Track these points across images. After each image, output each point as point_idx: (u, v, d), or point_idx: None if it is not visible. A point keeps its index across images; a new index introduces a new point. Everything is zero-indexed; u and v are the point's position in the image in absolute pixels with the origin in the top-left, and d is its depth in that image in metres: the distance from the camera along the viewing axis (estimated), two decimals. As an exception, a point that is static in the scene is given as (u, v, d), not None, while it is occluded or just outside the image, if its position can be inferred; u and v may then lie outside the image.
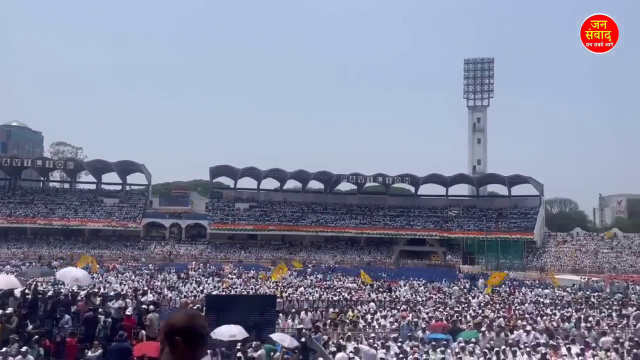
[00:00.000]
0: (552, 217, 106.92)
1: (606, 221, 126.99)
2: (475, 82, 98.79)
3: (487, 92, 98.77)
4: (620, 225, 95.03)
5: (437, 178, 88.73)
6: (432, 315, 21.69)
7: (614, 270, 61.36)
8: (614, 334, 18.03)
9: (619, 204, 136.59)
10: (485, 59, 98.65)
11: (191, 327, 2.52)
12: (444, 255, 79.87)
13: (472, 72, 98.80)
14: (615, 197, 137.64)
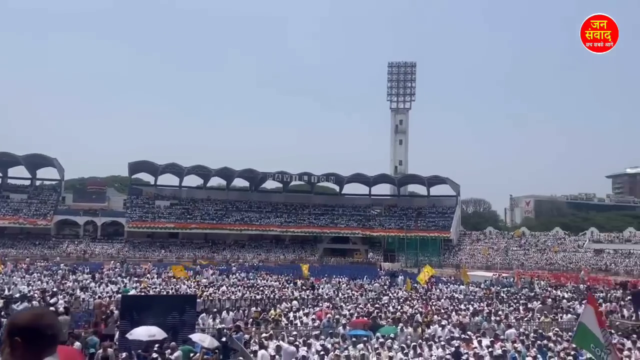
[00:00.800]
0: (467, 216, 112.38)
1: (516, 220, 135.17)
2: (399, 85, 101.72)
3: (409, 95, 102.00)
4: (528, 225, 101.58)
5: (361, 178, 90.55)
6: (353, 311, 22.02)
7: (522, 266, 65.36)
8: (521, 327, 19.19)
9: (527, 204, 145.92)
10: (408, 62, 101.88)
11: (34, 326, 2.35)
12: (366, 253, 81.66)
13: (396, 76, 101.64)
14: (524, 198, 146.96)
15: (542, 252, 73.34)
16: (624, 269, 59.20)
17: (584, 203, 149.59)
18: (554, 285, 38.75)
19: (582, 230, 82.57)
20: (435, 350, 14.33)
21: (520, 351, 13.98)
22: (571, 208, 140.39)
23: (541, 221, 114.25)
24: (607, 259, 65.54)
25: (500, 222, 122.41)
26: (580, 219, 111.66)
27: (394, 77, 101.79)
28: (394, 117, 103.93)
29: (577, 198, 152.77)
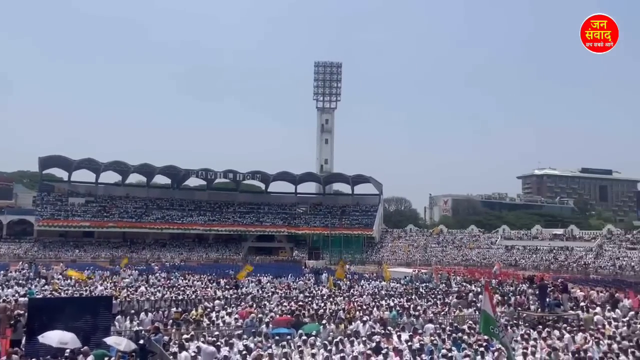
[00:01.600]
0: (389, 214, 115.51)
1: (435, 219, 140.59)
2: (325, 85, 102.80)
3: (335, 95, 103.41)
4: (446, 223, 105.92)
5: (287, 176, 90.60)
6: (276, 310, 21.93)
7: (440, 263, 68.15)
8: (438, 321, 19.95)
9: (445, 203, 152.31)
10: (334, 62, 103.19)
11: None
12: (292, 251, 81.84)
13: (322, 75, 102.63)
14: (443, 197, 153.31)
15: (459, 248, 76.86)
16: (532, 264, 63.27)
17: (497, 202, 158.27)
18: (468, 280, 40.61)
19: (494, 227, 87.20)
20: (356, 346, 14.53)
21: (436, 344, 14.50)
22: (485, 207, 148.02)
23: (458, 219, 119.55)
24: (516, 254, 69.77)
25: (420, 220, 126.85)
26: (493, 217, 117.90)
27: (320, 77, 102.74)
28: (320, 117, 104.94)
29: (490, 197, 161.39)
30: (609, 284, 39.48)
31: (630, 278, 47.24)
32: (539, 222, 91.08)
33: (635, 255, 58.67)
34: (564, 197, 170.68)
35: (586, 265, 58.68)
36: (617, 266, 55.67)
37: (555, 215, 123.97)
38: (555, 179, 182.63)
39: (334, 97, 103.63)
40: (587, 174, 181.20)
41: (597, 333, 16.29)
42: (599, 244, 66.27)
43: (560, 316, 20.82)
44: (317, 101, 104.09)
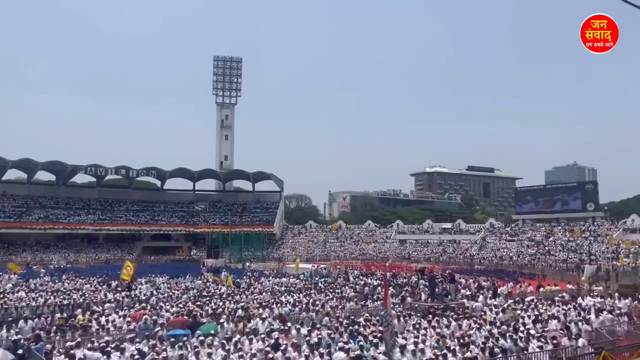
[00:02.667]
0: (290, 211, 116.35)
1: (334, 214, 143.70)
2: (224, 80, 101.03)
3: (235, 90, 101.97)
4: (344, 218, 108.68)
5: (185, 172, 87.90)
6: (172, 311, 21.21)
7: (338, 257, 69.81)
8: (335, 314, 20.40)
9: (344, 199, 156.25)
10: (234, 57, 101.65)
11: None
12: (189, 250, 79.67)
13: (222, 70, 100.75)
14: (341, 194, 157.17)
15: (356, 243, 79.22)
16: (423, 257, 66.82)
17: (392, 198, 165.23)
18: (365, 274, 41.99)
19: (390, 222, 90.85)
20: (255, 344, 14.43)
21: (334, 337, 14.79)
22: (381, 203, 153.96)
23: (356, 215, 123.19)
24: (409, 248, 73.32)
25: (320, 217, 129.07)
26: (388, 212, 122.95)
27: (219, 72, 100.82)
28: (220, 112, 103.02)
29: (386, 194, 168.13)
30: (490, 273, 42.85)
31: (509, 267, 51.56)
32: (429, 217, 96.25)
33: (514, 246, 64.06)
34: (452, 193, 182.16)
35: (471, 257, 63.07)
36: (498, 257, 60.43)
37: (444, 211, 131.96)
38: (444, 176, 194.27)
39: (234, 93, 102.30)
40: (472, 172, 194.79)
41: (480, 319, 17.55)
42: (483, 237, 71.51)
43: (448, 305, 22.15)
44: (217, 96, 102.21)
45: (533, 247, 61.37)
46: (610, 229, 60.77)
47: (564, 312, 18.65)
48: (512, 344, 13.48)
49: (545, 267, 49.44)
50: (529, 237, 66.46)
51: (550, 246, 59.91)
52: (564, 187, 78.88)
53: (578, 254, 53.19)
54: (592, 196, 70.96)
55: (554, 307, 20.34)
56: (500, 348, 12.95)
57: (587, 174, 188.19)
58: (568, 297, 23.86)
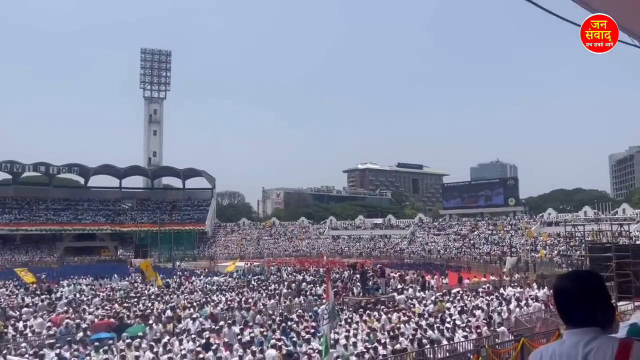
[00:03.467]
0: (223, 208, 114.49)
1: (267, 211, 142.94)
2: (152, 74, 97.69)
3: (164, 84, 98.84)
4: (278, 215, 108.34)
5: (110, 169, 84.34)
6: (97, 313, 20.31)
7: (272, 255, 69.56)
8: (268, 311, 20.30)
9: (277, 196, 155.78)
10: (162, 50, 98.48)
11: None
12: (116, 249, 76.64)
13: (150, 63, 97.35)
14: (275, 191, 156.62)
15: (290, 240, 79.26)
16: (355, 252, 67.92)
17: (325, 195, 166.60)
18: (299, 270, 42.12)
19: (323, 219, 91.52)
20: (185, 344, 14.09)
21: (266, 335, 14.71)
22: (315, 200, 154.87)
23: (289, 212, 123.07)
24: (342, 243, 74.30)
25: (254, 214, 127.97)
26: (322, 209, 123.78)
27: (147, 65, 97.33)
28: (147, 107, 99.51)
29: (320, 190, 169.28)
30: (419, 267, 44.25)
31: (437, 261, 53.46)
32: (362, 213, 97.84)
33: (441, 240, 66.52)
34: (383, 189, 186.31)
35: (401, 251, 64.87)
36: (427, 250, 62.53)
37: (375, 206, 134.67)
38: (375, 172, 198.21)
39: (163, 87, 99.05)
40: (402, 168, 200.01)
41: (409, 312, 18.06)
42: (412, 232, 73.72)
43: (379, 299, 22.64)
44: (145, 90, 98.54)
45: (459, 241, 64.01)
46: (529, 223, 64.43)
47: (487, 303, 19.56)
48: (439, 335, 13.97)
49: (470, 259, 51.67)
50: (455, 231, 69.23)
51: (474, 239, 62.71)
52: (487, 183, 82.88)
53: (500, 246, 56.00)
54: (513, 192, 74.99)
55: (478, 298, 21.29)
56: (428, 339, 13.38)
57: (508, 170, 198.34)
58: (491, 288, 25.06)
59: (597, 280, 2.09)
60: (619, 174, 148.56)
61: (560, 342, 2.06)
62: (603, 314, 2.04)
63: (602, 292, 2.07)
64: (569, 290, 2.07)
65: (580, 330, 2.02)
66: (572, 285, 2.08)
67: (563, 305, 2.10)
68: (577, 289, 2.06)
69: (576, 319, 2.05)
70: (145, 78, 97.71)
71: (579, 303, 2.04)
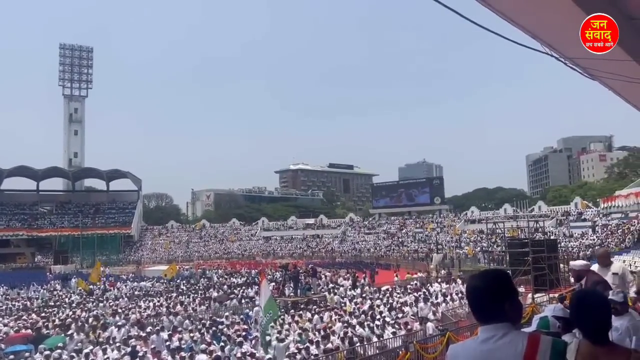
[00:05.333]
0: (150, 211, 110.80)
1: (197, 213, 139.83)
2: (73, 70, 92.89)
3: (85, 82, 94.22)
4: (208, 217, 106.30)
5: (27, 171, 79.28)
6: (12, 325, 19.05)
7: (202, 257, 68.11)
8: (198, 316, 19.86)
9: (207, 197, 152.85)
10: (83, 46, 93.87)
11: None
12: (33, 256, 72.18)
13: (70, 59, 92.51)
14: (205, 192, 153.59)
15: (221, 242, 77.97)
16: (288, 252, 67.91)
17: (257, 196, 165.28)
18: (230, 273, 41.58)
19: (255, 220, 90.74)
20: (110, 353, 13.51)
21: (196, 340, 14.38)
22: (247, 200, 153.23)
23: (220, 213, 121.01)
24: (274, 244, 74.03)
25: (183, 216, 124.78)
26: (253, 210, 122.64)
27: (67, 61, 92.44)
28: (67, 105, 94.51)
29: (251, 191, 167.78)
30: (350, 265, 44.95)
31: (367, 259, 54.51)
32: (294, 213, 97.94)
33: (371, 239, 67.92)
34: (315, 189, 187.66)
35: (333, 251, 65.59)
36: (357, 249, 63.60)
37: (307, 206, 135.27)
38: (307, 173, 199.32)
39: (85, 85, 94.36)
40: (333, 169, 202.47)
41: (340, 310, 18.28)
42: (343, 231, 74.74)
43: (311, 299, 22.76)
44: (64, 87, 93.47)
45: (388, 239, 65.64)
46: (454, 220, 67.16)
47: (415, 299, 20.16)
48: (369, 332, 14.23)
49: (399, 257, 53.10)
50: (385, 229, 70.94)
51: (403, 238, 64.55)
52: (415, 182, 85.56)
53: (427, 244, 57.98)
54: (438, 191, 77.89)
55: (407, 294, 21.91)
56: (359, 337, 13.59)
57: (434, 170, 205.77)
58: (419, 285, 25.86)
59: (504, 278, 2.20)
60: (535, 173, 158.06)
61: (475, 338, 2.17)
62: (512, 310, 2.13)
63: (510, 289, 2.17)
64: (479, 289, 2.16)
65: (492, 326, 2.11)
66: (482, 284, 2.16)
67: (474, 303, 2.19)
68: (486, 287, 2.14)
69: (487, 315, 2.14)
70: (65, 75, 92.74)
71: (488, 301, 2.12)
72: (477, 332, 2.20)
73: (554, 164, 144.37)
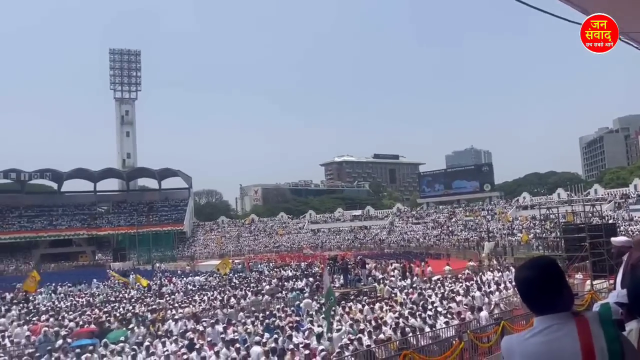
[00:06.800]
0: (200, 207, 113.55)
1: (246, 208, 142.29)
2: (122, 74, 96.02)
3: (134, 84, 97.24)
4: (257, 211, 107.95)
5: (84, 173, 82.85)
6: (78, 320, 20.00)
7: (253, 251, 69.32)
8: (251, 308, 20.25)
9: (255, 192, 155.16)
10: (131, 50, 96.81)
11: None
12: (94, 254, 75.50)
13: (119, 64, 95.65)
14: (253, 187, 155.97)
15: (270, 236, 79.07)
16: (336, 244, 68.16)
17: (303, 189, 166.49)
18: (280, 266, 42.13)
19: (302, 213, 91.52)
20: (169, 346, 13.99)
21: (250, 332, 14.68)
22: (293, 194, 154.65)
23: (268, 207, 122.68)
24: (322, 237, 74.45)
25: (232, 211, 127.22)
26: (300, 203, 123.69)
27: (117, 65, 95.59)
28: (119, 108, 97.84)
29: (297, 185, 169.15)
30: (399, 256, 44.64)
31: (416, 249, 54.01)
32: (340, 205, 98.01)
33: (420, 229, 67.19)
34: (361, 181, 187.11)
35: (381, 241, 65.33)
36: (406, 240, 63.11)
37: (354, 198, 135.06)
38: (352, 164, 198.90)
39: (134, 87, 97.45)
40: (378, 159, 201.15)
41: (391, 301, 18.22)
42: (391, 221, 74.26)
43: (361, 290, 22.78)
44: (115, 91, 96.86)
45: (437, 229, 64.74)
46: (505, 207, 65.49)
47: (467, 288, 19.85)
48: (421, 322, 14.13)
49: (449, 246, 52.34)
50: (433, 219, 69.99)
51: (452, 226, 63.50)
52: (463, 170, 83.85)
53: (478, 232, 56.82)
54: (488, 177, 76.09)
55: (458, 284, 21.59)
56: (411, 327, 13.52)
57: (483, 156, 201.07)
58: (470, 274, 25.43)
59: (553, 267, 2.12)
60: (590, 155, 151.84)
61: (530, 329, 2.11)
62: (563, 298, 2.08)
63: (559, 277, 2.10)
64: (529, 280, 2.10)
65: (547, 317, 2.06)
66: (530, 275, 2.10)
67: (525, 294, 2.13)
68: (535, 278, 2.08)
69: (540, 306, 2.09)
70: (115, 79, 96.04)
71: (539, 291, 2.07)
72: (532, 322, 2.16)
73: (610, 145, 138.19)
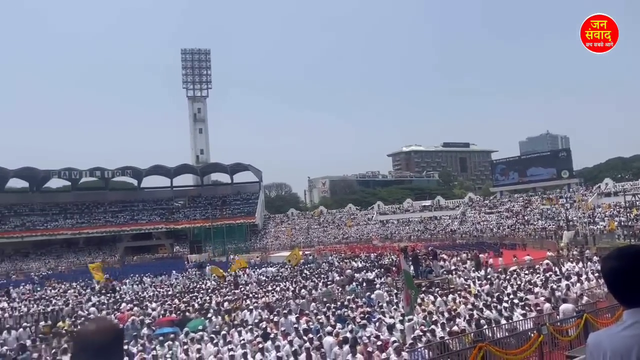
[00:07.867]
0: (271, 200, 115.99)
1: (314, 201, 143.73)
2: (194, 73, 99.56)
3: (205, 82, 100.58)
4: (325, 203, 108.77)
5: (161, 169, 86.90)
6: (160, 309, 21.10)
7: (322, 243, 70.02)
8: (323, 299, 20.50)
9: (323, 185, 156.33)
10: (202, 49, 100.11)
11: None
12: (172, 247, 79.12)
13: (190, 63, 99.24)
14: (321, 179, 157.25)
15: (339, 227, 79.46)
16: (405, 235, 67.41)
17: (370, 180, 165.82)
18: (350, 257, 42.26)
19: (370, 204, 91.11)
20: (244, 335, 14.47)
21: (322, 322, 14.89)
22: (361, 185, 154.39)
23: (336, 199, 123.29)
24: (391, 228, 73.86)
25: (301, 204, 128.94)
26: (368, 194, 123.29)
27: (188, 65, 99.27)
28: (191, 106, 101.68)
29: (365, 176, 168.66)
30: (472, 247, 43.47)
31: (490, 240, 52.32)
32: (409, 196, 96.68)
33: (493, 219, 65.06)
34: (430, 170, 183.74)
35: (452, 232, 63.88)
36: (479, 230, 61.33)
37: (423, 188, 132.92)
38: (421, 154, 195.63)
39: (205, 85, 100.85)
40: (448, 148, 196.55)
41: (465, 292, 17.83)
42: (462, 211, 72.40)
43: (433, 281, 22.44)
44: (187, 90, 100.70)
45: (512, 218, 62.40)
46: (585, 195, 62.04)
47: (546, 279, 19.06)
48: (497, 314, 13.74)
49: (525, 236, 50.32)
50: (508, 208, 67.51)
51: (528, 215, 60.97)
52: (538, 156, 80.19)
53: (556, 221, 54.24)
54: (566, 164, 72.32)
55: (536, 275, 20.77)
56: (486, 319, 13.19)
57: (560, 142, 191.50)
58: (549, 264, 24.37)
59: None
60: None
61: (619, 323, 1.96)
62: None
63: None
64: (617, 270, 1.96)
65: (638, 309, 1.90)
66: (619, 265, 1.96)
67: (614, 286, 1.99)
68: (624, 268, 1.94)
69: (630, 298, 1.94)
70: (187, 78, 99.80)
71: (630, 282, 1.92)
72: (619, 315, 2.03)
73: None
